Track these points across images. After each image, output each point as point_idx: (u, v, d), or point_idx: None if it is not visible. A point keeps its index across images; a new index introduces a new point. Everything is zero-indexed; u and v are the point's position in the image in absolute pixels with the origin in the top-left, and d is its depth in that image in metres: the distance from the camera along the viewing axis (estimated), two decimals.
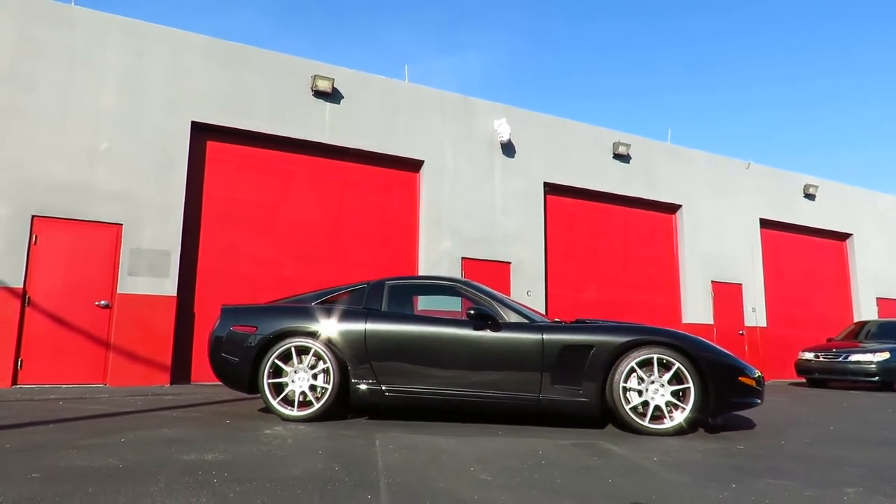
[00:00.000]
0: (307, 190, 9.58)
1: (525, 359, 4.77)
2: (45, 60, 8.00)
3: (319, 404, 4.87)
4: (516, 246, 10.85)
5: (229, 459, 3.33)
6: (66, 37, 8.16)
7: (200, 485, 2.77)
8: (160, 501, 2.49)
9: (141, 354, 7.98)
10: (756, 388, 4.81)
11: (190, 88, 8.74)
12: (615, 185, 12.18)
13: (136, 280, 8.09)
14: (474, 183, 10.66)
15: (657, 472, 3.28)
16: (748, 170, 14.07)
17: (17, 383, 7.37)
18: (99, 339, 7.84)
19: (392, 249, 10.07)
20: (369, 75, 10.08)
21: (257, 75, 9.21)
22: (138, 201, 8.23)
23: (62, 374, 7.61)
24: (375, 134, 9.96)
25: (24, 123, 7.77)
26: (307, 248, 9.43)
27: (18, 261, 7.53)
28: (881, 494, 2.90)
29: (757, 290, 13.64)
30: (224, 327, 5.20)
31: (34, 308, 7.57)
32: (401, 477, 3.03)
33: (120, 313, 7.94)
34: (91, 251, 7.94)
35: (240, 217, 9.04)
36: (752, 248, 13.78)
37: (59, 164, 7.88)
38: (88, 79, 8.20)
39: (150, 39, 8.63)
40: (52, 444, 3.69)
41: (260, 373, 4.97)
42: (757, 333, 13.39)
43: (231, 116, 8.96)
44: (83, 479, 2.82)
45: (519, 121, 11.23)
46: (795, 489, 2.96)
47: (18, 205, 7.61)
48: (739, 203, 13.80)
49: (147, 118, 8.44)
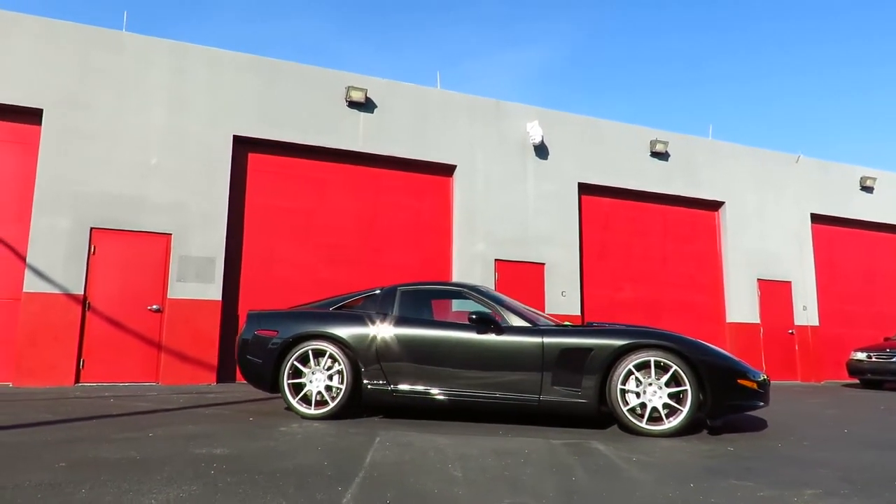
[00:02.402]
0: (342, 196, 10.01)
1: (525, 361, 4.97)
2: (99, 84, 8.70)
3: (334, 403, 5.22)
4: (550, 247, 10.97)
5: (235, 453, 3.70)
6: (118, 61, 8.84)
7: (198, 476, 3.13)
8: (157, 489, 2.85)
9: (189, 355, 8.58)
10: (758, 392, 4.85)
11: (231, 104, 9.30)
12: (653, 183, 12.10)
13: (184, 286, 8.70)
14: (507, 185, 10.84)
15: (626, 471, 3.44)
16: (797, 163, 13.66)
17: (79, 381, 8.08)
18: (151, 340, 8.49)
19: (425, 252, 10.39)
20: (401, 83, 10.42)
21: (293, 88, 9.69)
22: (186, 212, 8.84)
23: (119, 374, 8.28)
24: (408, 140, 10.29)
25: (83, 143, 8.48)
26: (343, 252, 9.86)
27: (79, 269, 8.24)
28: (837, 496, 2.98)
29: (808, 287, 13.23)
30: (249, 331, 5.63)
31: (94, 312, 8.27)
32: (379, 472, 3.31)
33: (170, 317, 8.56)
34: (143, 259, 8.59)
35: (279, 224, 9.56)
36: (802, 245, 13.38)
37: (114, 180, 8.56)
38: (138, 99, 8.86)
39: (193, 59, 9.23)
40: (89, 437, 4.17)
41: (280, 374, 5.36)
42: (808, 332, 13.00)
43: (270, 129, 9.47)
44: (101, 468, 3.23)
45: (552, 123, 11.33)
46: (752, 489, 3.07)
47: (78, 218, 8.32)
48: (788, 198, 13.42)
49: (192, 134, 9.04)
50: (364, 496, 2.82)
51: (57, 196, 8.26)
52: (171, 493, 2.79)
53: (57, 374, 7.93)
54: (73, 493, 2.75)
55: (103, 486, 2.88)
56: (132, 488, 2.86)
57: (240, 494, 2.81)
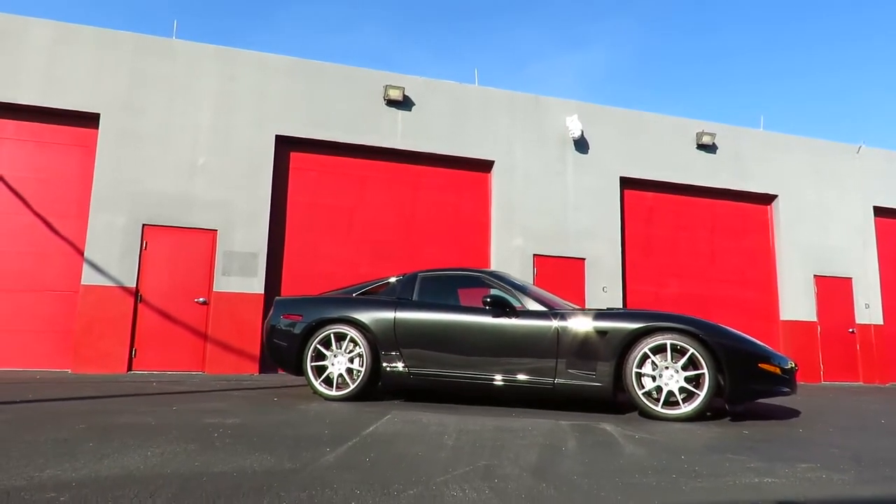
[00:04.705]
0: (382, 193, 10.20)
1: (540, 344, 4.97)
2: (151, 89, 9.20)
3: (354, 385, 5.35)
4: (590, 242, 10.84)
5: (245, 423, 3.87)
6: (169, 67, 9.33)
7: (200, 437, 3.30)
8: (158, 445, 3.03)
9: (234, 346, 8.93)
10: (781, 377, 4.68)
11: (274, 105, 9.65)
12: (699, 176, 11.77)
13: (229, 279, 9.07)
14: (546, 180, 10.79)
15: (621, 446, 3.41)
16: (858, 154, 13.00)
17: (131, 370, 8.55)
18: (198, 331, 8.88)
19: (464, 247, 10.45)
20: (438, 81, 10.56)
21: (333, 89, 9.97)
22: (231, 209, 9.22)
23: (168, 363, 8.70)
24: (446, 137, 10.40)
25: (136, 145, 8.99)
26: (382, 247, 10.04)
27: (132, 263, 8.72)
28: (834, 470, 2.87)
29: (871, 284, 12.55)
30: (276, 316, 5.84)
31: (145, 304, 8.73)
32: (372, 439, 3.40)
33: (215, 309, 8.94)
34: (191, 254, 9.01)
35: (320, 220, 9.83)
36: (865, 239, 12.70)
37: (164, 179, 9.03)
38: (187, 102, 9.32)
39: (239, 64, 9.63)
40: (116, 409, 4.44)
41: (304, 356, 5.54)
42: (871, 331, 12.32)
43: (310, 128, 9.77)
44: (116, 430, 3.45)
45: (593, 116, 11.21)
46: (742, 462, 2.99)
47: (132, 216, 8.82)
48: (848, 191, 12.78)
49: (237, 134, 9.43)
50: (346, 456, 2.91)
51: (112, 195, 8.77)
52: (169, 448, 2.96)
53: (111, 362, 8.41)
54: (80, 446, 2.97)
55: (110, 442, 3.09)
56: (136, 444, 3.05)
57: (230, 450, 2.95)
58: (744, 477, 2.67)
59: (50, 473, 2.42)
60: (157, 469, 2.54)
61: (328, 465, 2.69)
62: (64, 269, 8.68)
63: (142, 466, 2.58)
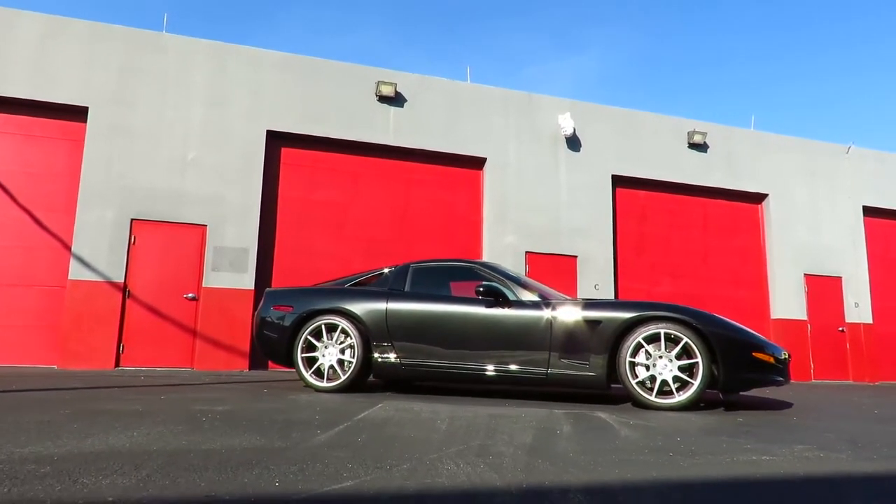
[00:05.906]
0: (374, 189, 10.15)
1: (533, 333, 4.93)
2: (142, 83, 9.12)
3: (345, 376, 5.29)
4: (583, 240, 10.82)
5: (235, 410, 3.80)
6: (160, 60, 9.25)
7: (188, 421, 3.23)
8: (145, 428, 2.96)
9: (223, 342, 8.84)
10: (775, 366, 4.67)
11: (265, 100, 9.59)
12: (691, 175, 11.80)
13: (218, 275, 8.98)
14: (538, 178, 10.77)
15: (615, 430, 3.37)
16: (848, 154, 13.08)
17: (119, 365, 8.43)
18: (187, 327, 8.78)
19: (457, 244, 10.41)
20: (431, 78, 10.53)
21: (325, 85, 9.92)
22: (221, 204, 9.14)
23: (156, 359, 8.60)
24: (439, 134, 10.37)
25: (126, 139, 8.89)
26: (375, 245, 9.98)
27: (120, 258, 8.62)
28: (830, 451, 2.84)
29: (860, 283, 12.61)
30: (267, 308, 5.77)
31: (133, 300, 8.63)
32: (364, 423, 3.34)
33: (205, 305, 8.85)
34: (180, 249, 8.92)
35: (312, 216, 9.76)
36: (855, 239, 12.77)
37: (154, 174, 8.93)
38: (178, 96, 9.24)
39: (231, 58, 9.57)
40: (104, 397, 4.36)
41: (294, 347, 5.47)
42: (860, 330, 12.37)
43: (302, 124, 9.71)
44: (102, 415, 3.38)
45: (585, 115, 11.21)
46: (739, 444, 2.96)
47: (120, 210, 8.72)
48: (838, 190, 12.85)
49: (228, 129, 9.36)
50: (337, 437, 2.86)
51: (101, 189, 8.67)
52: (156, 430, 2.90)
53: (98, 357, 8.30)
54: (64, 427, 2.90)
55: (95, 424, 3.02)
56: (121, 426, 2.98)
57: (219, 431, 2.89)
58: (741, 455, 2.64)
59: (32, 449, 2.35)
60: (144, 447, 2.48)
61: (319, 444, 2.64)
62: (51, 264, 8.56)
63: (127, 444, 2.51)
